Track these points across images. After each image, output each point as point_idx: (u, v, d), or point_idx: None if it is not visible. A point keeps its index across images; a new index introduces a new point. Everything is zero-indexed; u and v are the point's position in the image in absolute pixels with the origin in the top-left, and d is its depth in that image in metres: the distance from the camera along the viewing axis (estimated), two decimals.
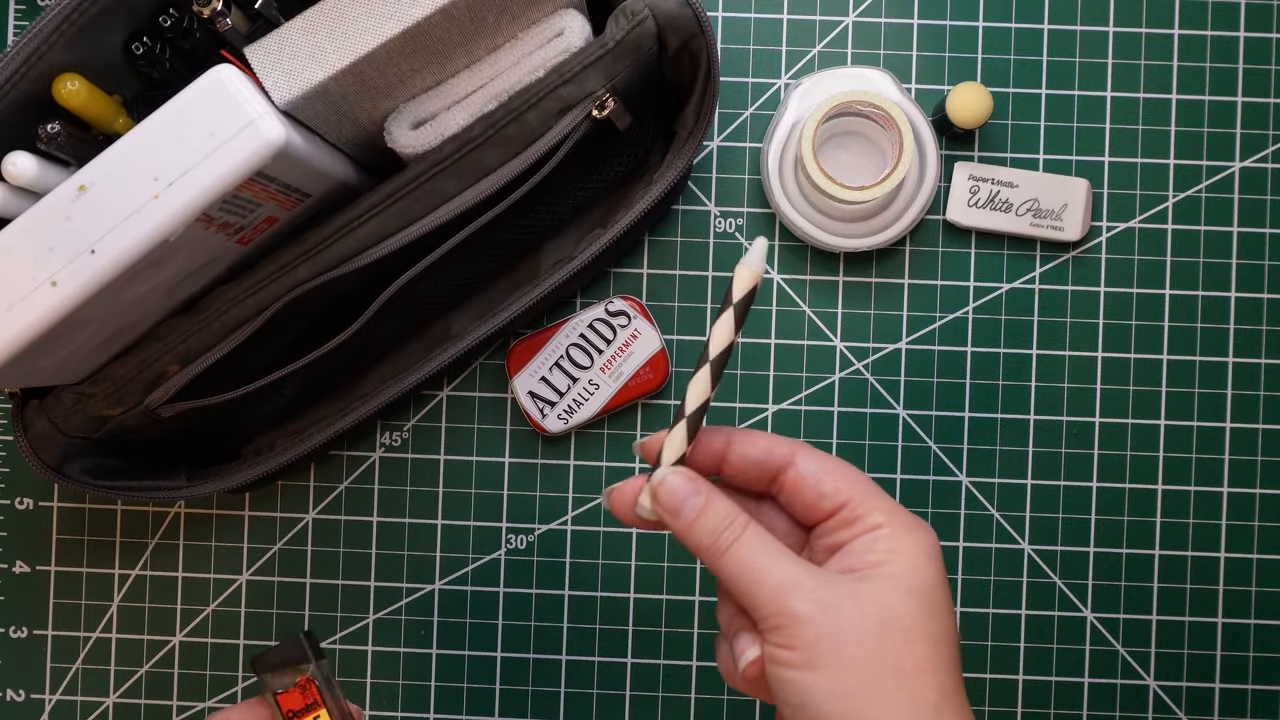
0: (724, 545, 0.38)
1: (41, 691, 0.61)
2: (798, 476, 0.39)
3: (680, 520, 0.38)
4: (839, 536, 0.39)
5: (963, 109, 0.56)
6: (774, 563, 0.37)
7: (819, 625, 0.36)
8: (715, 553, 0.38)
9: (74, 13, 0.41)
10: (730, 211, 0.60)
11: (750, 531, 0.38)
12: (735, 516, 0.38)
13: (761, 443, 0.40)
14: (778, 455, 0.40)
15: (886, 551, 0.37)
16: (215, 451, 0.57)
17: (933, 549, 0.38)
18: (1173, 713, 0.59)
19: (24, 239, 0.41)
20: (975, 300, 0.60)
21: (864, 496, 0.38)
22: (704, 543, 0.38)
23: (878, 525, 0.38)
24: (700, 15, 0.48)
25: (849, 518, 0.38)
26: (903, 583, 0.37)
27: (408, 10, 0.43)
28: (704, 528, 0.38)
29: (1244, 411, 0.60)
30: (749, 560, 0.37)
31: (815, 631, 0.36)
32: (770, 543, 0.38)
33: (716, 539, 0.38)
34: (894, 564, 0.37)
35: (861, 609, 0.36)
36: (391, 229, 0.48)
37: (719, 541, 0.38)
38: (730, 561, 0.37)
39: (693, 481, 0.39)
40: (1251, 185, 0.60)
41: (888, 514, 0.38)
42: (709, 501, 0.38)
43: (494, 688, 0.60)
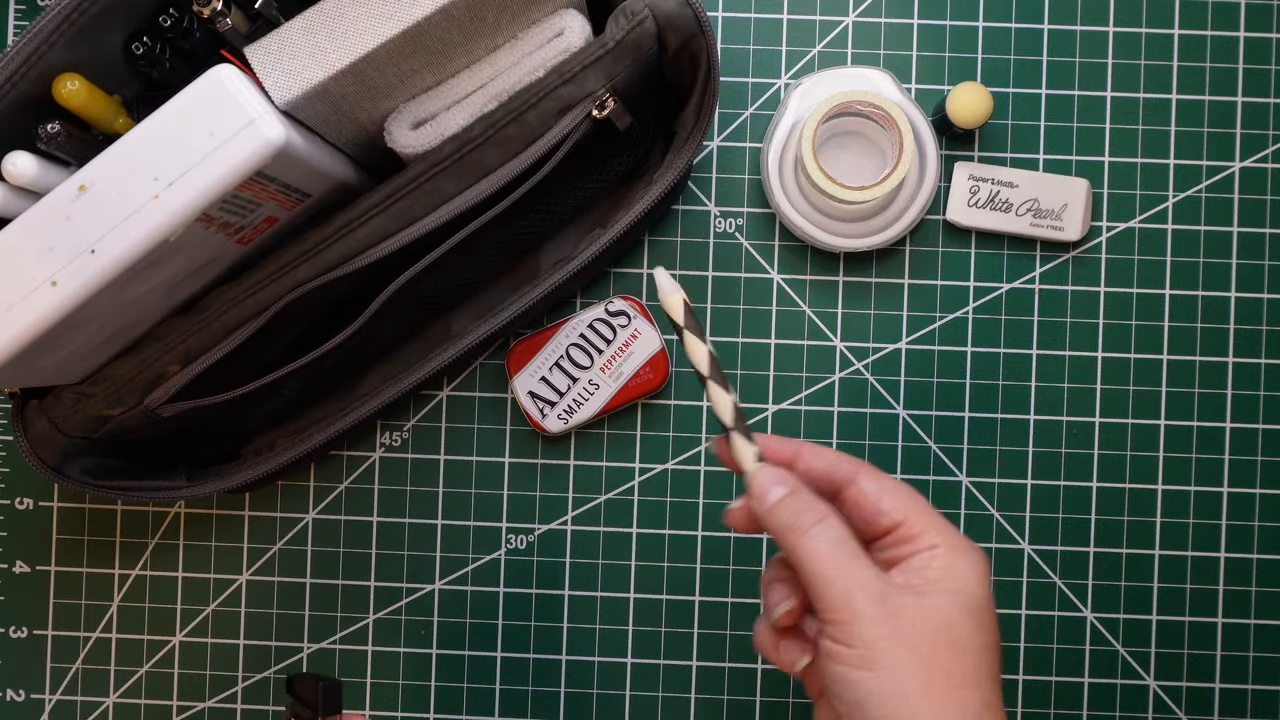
0: (804, 526, 0.40)
1: (41, 691, 0.61)
2: (859, 493, 0.42)
3: (765, 504, 0.41)
4: (896, 552, 0.41)
5: (963, 109, 0.56)
6: (848, 562, 0.39)
7: (881, 628, 0.38)
8: (796, 532, 0.40)
9: (74, 13, 0.41)
10: (730, 211, 0.60)
11: (831, 522, 0.40)
12: (817, 504, 0.41)
13: (829, 457, 0.43)
14: (841, 471, 0.43)
15: (943, 569, 0.40)
16: (215, 451, 0.57)
17: (984, 570, 0.41)
18: (1173, 713, 0.59)
19: (24, 239, 0.41)
20: (975, 300, 0.60)
21: (920, 516, 0.41)
22: (784, 521, 0.41)
23: (934, 545, 0.41)
24: (700, 15, 0.48)
25: (905, 535, 0.41)
26: (958, 599, 0.39)
27: (408, 10, 0.43)
28: (786, 508, 0.41)
29: (1244, 411, 0.60)
30: (825, 551, 0.40)
31: (876, 633, 0.38)
32: (847, 537, 0.40)
33: (797, 519, 0.40)
34: (950, 581, 0.40)
35: (922, 619, 0.39)
36: (391, 229, 0.48)
37: (799, 522, 0.40)
38: (807, 546, 0.40)
39: (782, 475, 0.42)
40: (1251, 185, 0.60)
41: (943, 534, 0.41)
42: (795, 490, 0.41)
43: (494, 688, 0.60)
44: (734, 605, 0.60)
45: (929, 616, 0.39)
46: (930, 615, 0.39)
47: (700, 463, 0.60)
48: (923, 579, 0.40)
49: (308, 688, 0.45)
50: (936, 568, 0.40)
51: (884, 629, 0.38)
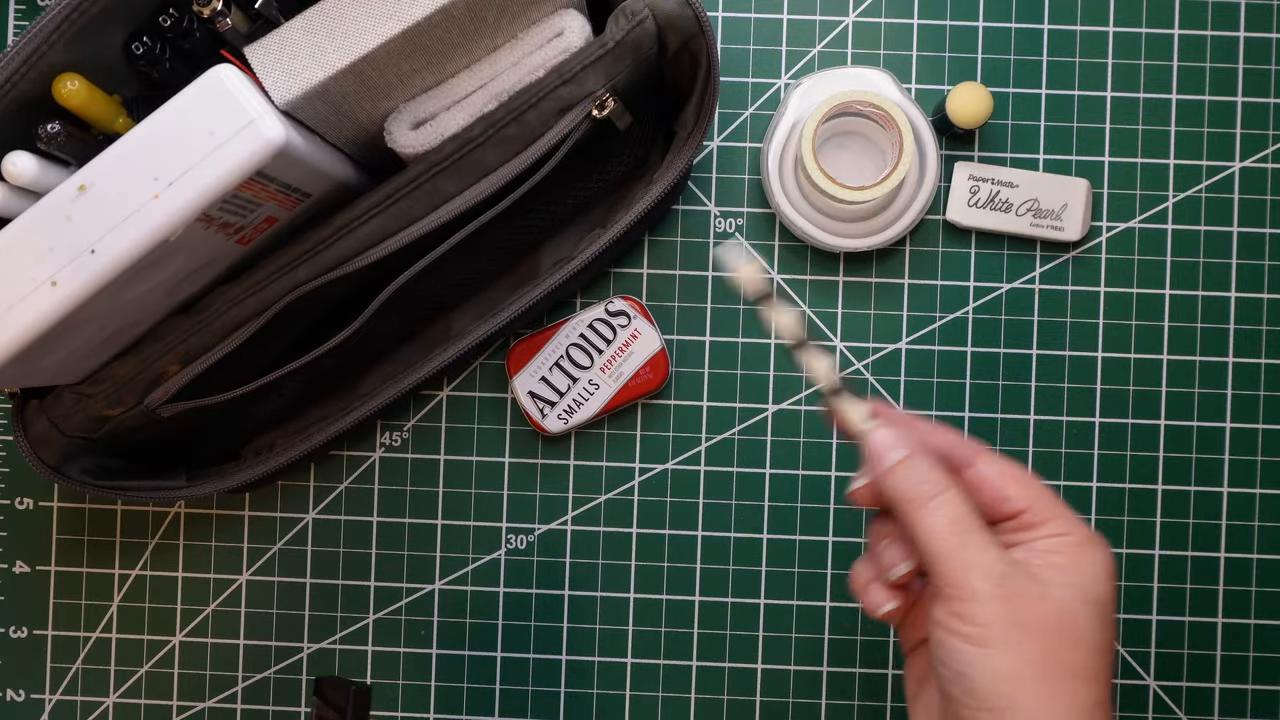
0: (925, 497, 0.39)
1: (41, 691, 0.61)
2: (980, 477, 0.41)
3: (884, 464, 0.40)
4: (1020, 536, 0.40)
5: (963, 109, 0.56)
6: (968, 536, 0.38)
7: (1001, 607, 0.37)
8: (916, 504, 0.39)
9: (74, 13, 0.41)
10: (730, 211, 0.60)
11: (951, 495, 0.39)
12: (937, 474, 0.39)
13: (948, 437, 0.42)
14: (960, 452, 0.41)
15: (1069, 559, 0.39)
16: (215, 451, 0.57)
17: (1110, 566, 0.39)
18: (1173, 713, 0.59)
19: (24, 239, 0.41)
20: (975, 300, 0.60)
21: (1046, 504, 0.40)
22: (903, 491, 0.39)
23: (1063, 532, 0.39)
24: (700, 15, 0.48)
25: (1030, 522, 0.40)
26: (1082, 591, 0.38)
27: (408, 10, 0.43)
28: (905, 476, 0.39)
29: (1244, 411, 0.60)
30: (944, 526, 0.38)
31: (996, 612, 0.37)
32: (969, 510, 0.39)
33: (918, 490, 0.39)
34: (1075, 572, 0.39)
35: (1043, 607, 0.37)
36: (391, 229, 0.48)
37: (919, 493, 0.39)
38: (926, 519, 0.38)
39: (900, 436, 0.40)
40: (1251, 185, 0.60)
41: (1072, 524, 0.39)
42: (914, 454, 0.40)
43: (494, 688, 0.60)
44: (734, 605, 0.60)
45: (1051, 605, 0.37)
46: (1052, 605, 0.37)
47: (700, 463, 0.60)
48: (1046, 563, 0.38)
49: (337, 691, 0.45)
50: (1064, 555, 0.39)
51: (1002, 610, 0.37)
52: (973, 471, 0.41)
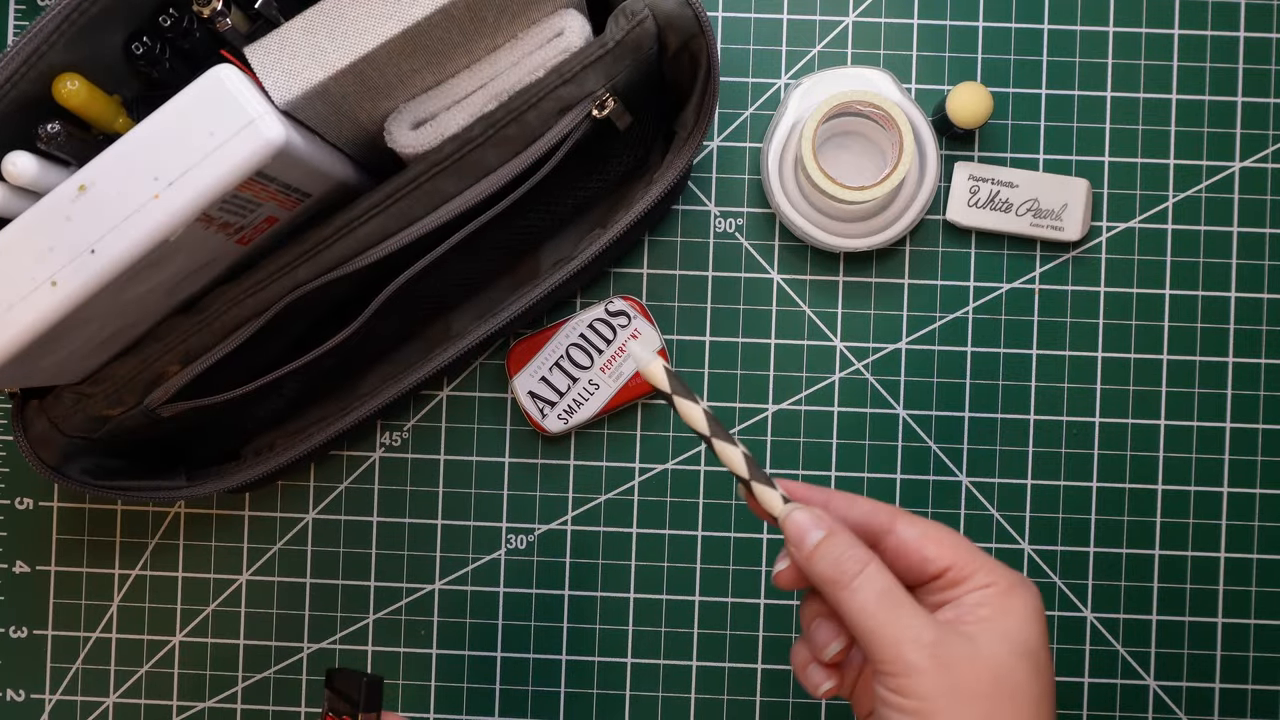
0: (848, 576, 0.39)
1: (41, 691, 0.61)
2: (900, 542, 0.41)
3: (803, 549, 0.40)
4: (947, 595, 0.40)
5: (963, 109, 0.56)
6: (895, 611, 0.38)
7: (937, 680, 0.37)
8: (839, 585, 0.39)
9: (74, 13, 0.41)
10: (730, 211, 0.60)
11: (874, 569, 0.39)
12: (857, 550, 0.40)
13: (863, 506, 0.42)
14: (878, 519, 0.41)
15: (997, 609, 0.39)
16: (215, 451, 0.57)
17: (1038, 608, 0.40)
18: (1173, 713, 0.59)
19: (24, 239, 0.41)
20: (975, 300, 0.60)
21: (968, 558, 0.40)
22: (827, 573, 0.39)
23: (987, 584, 0.40)
24: (700, 15, 0.48)
25: (955, 579, 0.40)
26: (1012, 643, 0.38)
27: (408, 10, 0.43)
28: (827, 555, 0.40)
29: (1244, 411, 0.60)
30: (871, 602, 0.39)
31: (933, 686, 0.37)
32: (892, 586, 0.39)
33: (840, 569, 0.39)
34: (1004, 621, 0.39)
35: (976, 669, 0.38)
36: (391, 229, 0.48)
37: (842, 572, 0.39)
38: (853, 599, 0.39)
39: (817, 517, 0.40)
40: (1251, 185, 0.60)
41: (994, 573, 0.40)
42: (833, 532, 0.40)
43: (494, 688, 0.60)
44: (734, 605, 0.60)
45: (984, 666, 0.38)
46: (986, 665, 0.38)
47: (700, 463, 0.60)
48: (975, 618, 0.39)
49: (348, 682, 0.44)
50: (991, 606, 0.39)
51: (939, 682, 0.37)
52: (893, 537, 0.41)
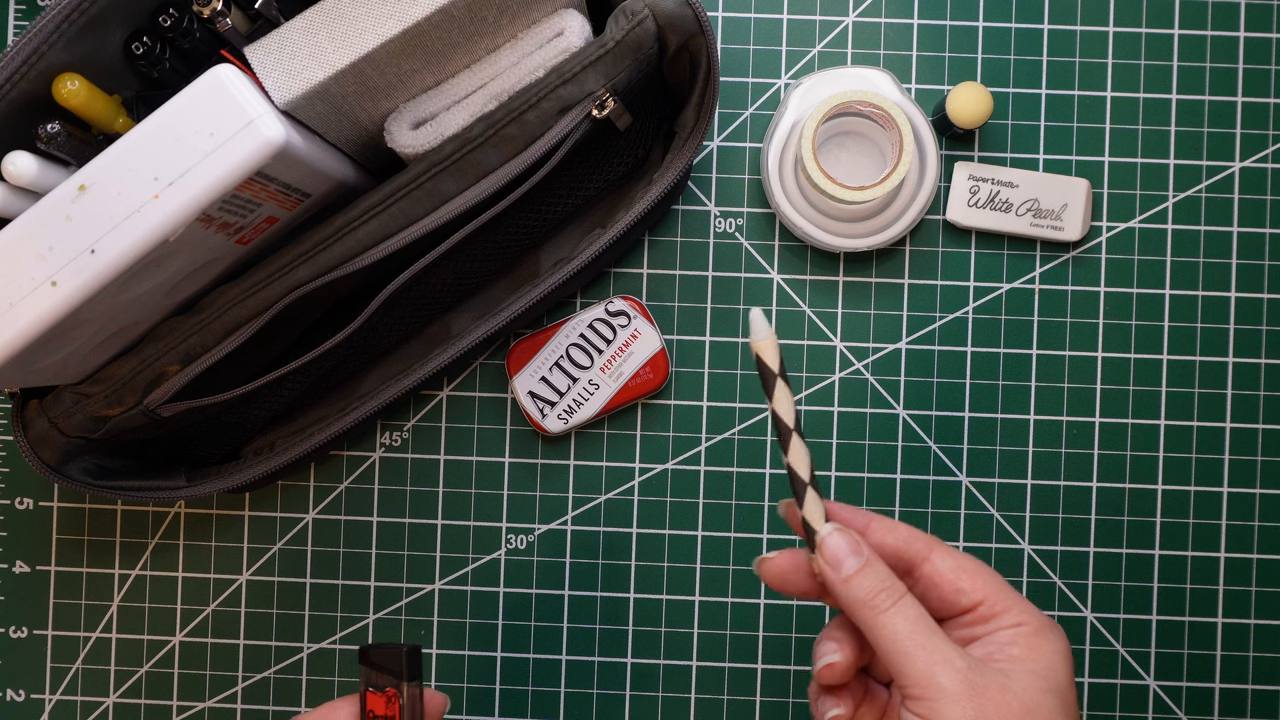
0: (883, 606, 0.39)
1: (41, 691, 0.61)
2: (935, 572, 0.41)
3: (841, 573, 0.40)
4: (976, 630, 0.40)
5: (963, 109, 0.56)
6: (928, 637, 0.39)
7: (966, 706, 0.38)
8: (874, 610, 0.39)
9: (74, 13, 0.41)
10: (730, 211, 0.60)
11: (908, 600, 0.40)
12: (893, 582, 0.40)
13: (902, 533, 0.42)
14: (915, 549, 0.42)
15: (1028, 649, 0.39)
16: (215, 451, 0.57)
17: (1067, 652, 0.40)
18: (1173, 713, 0.59)
19: (24, 239, 0.41)
20: (975, 300, 0.60)
21: (1000, 595, 0.40)
22: (861, 598, 0.40)
23: (1018, 623, 0.40)
24: (700, 15, 0.48)
25: (986, 614, 0.40)
26: (1043, 680, 0.39)
27: (408, 10, 0.43)
28: (863, 584, 0.40)
29: (1244, 411, 0.60)
30: (905, 628, 0.39)
31: (961, 712, 0.38)
32: (925, 616, 0.39)
33: (874, 597, 0.40)
34: (1035, 661, 0.39)
35: (1007, 700, 0.38)
36: (391, 229, 0.48)
37: (877, 601, 0.40)
38: (887, 624, 0.39)
39: (855, 542, 0.41)
40: (1251, 185, 0.60)
41: (1026, 614, 0.40)
42: (870, 561, 0.40)
43: (494, 688, 0.60)
44: (734, 605, 0.60)
45: (1014, 698, 0.38)
46: (1015, 696, 0.38)
47: (700, 463, 0.60)
48: (1006, 656, 0.39)
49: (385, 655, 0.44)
50: (1022, 646, 0.39)
51: (969, 708, 0.37)
52: (928, 566, 0.41)
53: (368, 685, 0.44)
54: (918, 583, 0.42)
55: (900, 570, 0.42)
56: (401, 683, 0.44)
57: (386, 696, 0.44)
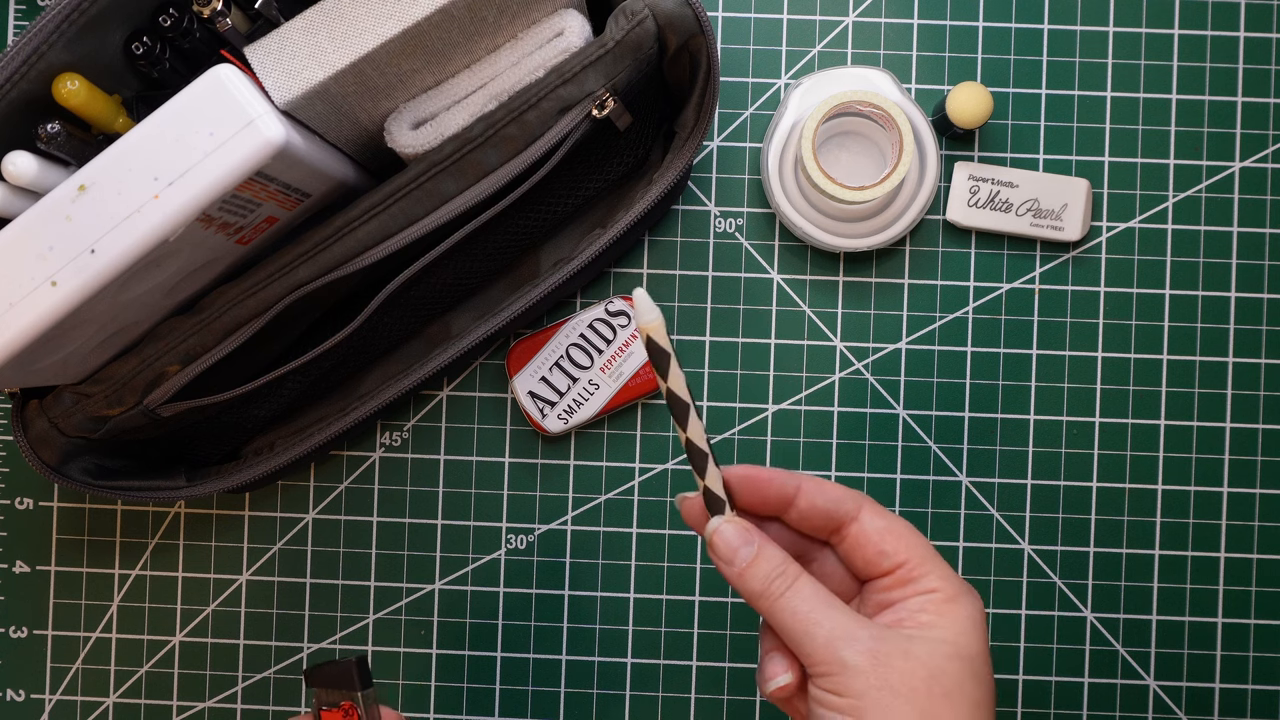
0: (776, 592, 0.39)
1: (41, 691, 0.61)
2: (861, 532, 0.41)
3: (733, 568, 0.40)
4: (893, 595, 0.40)
5: (963, 109, 0.56)
6: (826, 613, 0.39)
7: (870, 677, 0.37)
8: (768, 599, 0.40)
9: (74, 12, 0.41)
10: (730, 211, 0.60)
11: (802, 581, 0.40)
12: (787, 566, 0.40)
13: (832, 493, 0.42)
14: (845, 508, 0.41)
15: (936, 614, 0.39)
16: (215, 451, 0.57)
17: (979, 618, 0.40)
18: (1173, 713, 0.59)
19: (24, 239, 0.41)
20: (975, 300, 0.60)
21: (922, 559, 0.40)
22: (755, 589, 0.40)
23: (932, 589, 0.40)
24: (700, 15, 0.48)
25: (905, 578, 0.40)
26: (950, 647, 0.39)
27: (408, 10, 0.43)
28: (756, 575, 0.40)
29: (1244, 411, 0.60)
30: (803, 608, 0.39)
31: (866, 683, 0.37)
32: (822, 593, 0.39)
33: (768, 586, 0.40)
34: (943, 628, 0.39)
35: (911, 666, 0.38)
36: (392, 229, 0.48)
37: (771, 588, 0.39)
38: (783, 608, 0.39)
39: (745, 532, 0.41)
40: (1251, 185, 0.60)
41: (943, 579, 0.40)
42: (761, 551, 0.40)
43: (494, 688, 0.60)
44: (734, 605, 0.60)
45: (919, 664, 0.38)
46: (920, 663, 0.38)
47: None
48: (915, 623, 0.39)
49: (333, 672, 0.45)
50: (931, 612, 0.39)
51: (873, 679, 0.37)
52: (855, 526, 0.41)
53: (320, 705, 0.45)
54: (844, 541, 0.41)
55: (829, 530, 0.42)
56: (356, 693, 0.44)
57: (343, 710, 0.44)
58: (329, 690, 0.45)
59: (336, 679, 0.45)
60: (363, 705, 0.44)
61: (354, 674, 0.44)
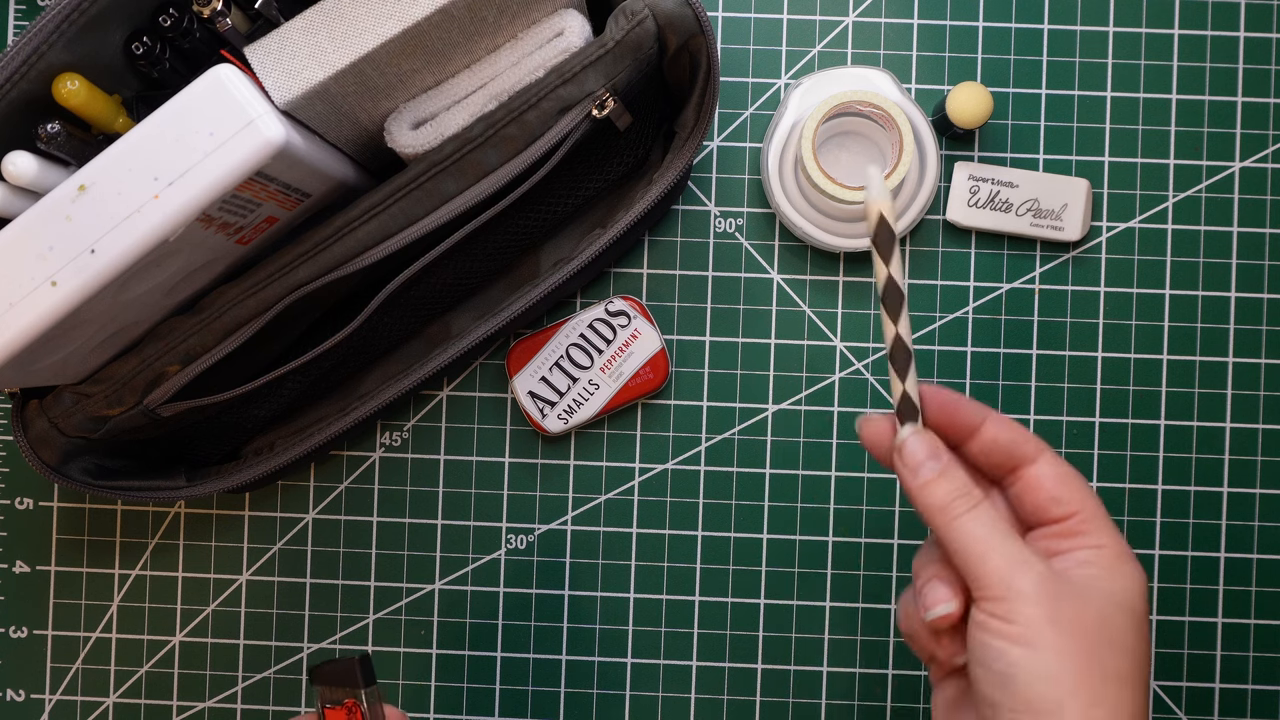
0: (959, 510, 0.39)
1: (41, 691, 0.61)
2: (1038, 475, 0.41)
3: (918, 479, 0.40)
4: (1059, 545, 0.40)
5: (963, 109, 0.56)
6: (1006, 539, 0.38)
7: (1044, 607, 0.37)
8: (949, 515, 0.39)
9: (74, 12, 0.41)
10: (730, 211, 0.60)
11: (985, 505, 0.39)
12: (971, 488, 0.39)
13: (1015, 432, 0.41)
14: (1026, 449, 0.41)
15: (1105, 569, 0.39)
16: (215, 451, 0.57)
17: (1144, 583, 0.40)
18: (1173, 713, 0.59)
19: (24, 239, 0.41)
20: (975, 300, 0.60)
21: (1094, 514, 0.40)
22: (937, 503, 0.39)
23: (1101, 545, 0.39)
24: (700, 15, 0.48)
25: (1074, 529, 0.40)
26: (1120, 599, 0.38)
27: (408, 10, 0.43)
28: (939, 489, 0.39)
29: (1244, 411, 0.60)
30: (981, 532, 0.38)
31: (1039, 612, 0.37)
32: (1003, 521, 0.39)
33: (951, 502, 0.39)
34: (1111, 581, 0.39)
35: (1083, 606, 0.37)
36: (392, 229, 0.48)
37: (953, 505, 0.39)
38: (962, 528, 0.39)
39: (933, 446, 0.40)
40: (1251, 185, 0.60)
41: (1112, 537, 0.40)
42: (947, 467, 0.40)
43: (494, 688, 0.60)
44: (734, 605, 0.60)
45: (1091, 607, 0.37)
46: (1093, 606, 0.37)
47: (700, 463, 0.60)
48: (1085, 573, 0.39)
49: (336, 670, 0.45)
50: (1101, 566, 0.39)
51: (1046, 609, 0.37)
52: (1034, 469, 0.41)
53: (324, 703, 0.45)
54: (1017, 482, 0.41)
55: (1005, 469, 0.41)
56: (359, 690, 0.44)
57: (346, 708, 0.44)
58: (332, 688, 0.45)
59: (340, 677, 0.45)
60: (366, 703, 0.44)
61: (357, 671, 0.44)
